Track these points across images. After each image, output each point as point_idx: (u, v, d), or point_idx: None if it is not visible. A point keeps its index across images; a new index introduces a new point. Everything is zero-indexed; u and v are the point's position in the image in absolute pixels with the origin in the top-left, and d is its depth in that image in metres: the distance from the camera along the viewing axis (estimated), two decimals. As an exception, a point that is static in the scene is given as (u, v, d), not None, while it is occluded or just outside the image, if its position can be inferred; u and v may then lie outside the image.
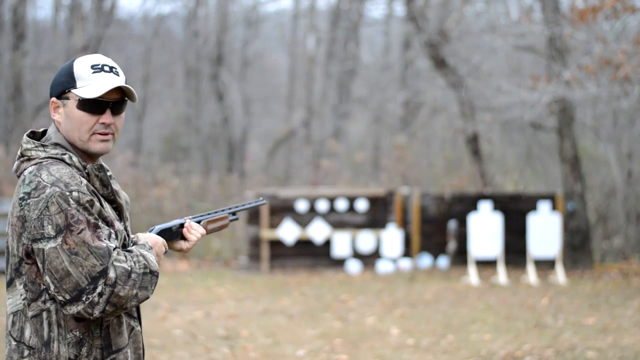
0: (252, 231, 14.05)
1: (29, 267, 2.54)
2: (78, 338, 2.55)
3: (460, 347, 8.02)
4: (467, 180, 18.47)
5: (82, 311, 2.47)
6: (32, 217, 2.50)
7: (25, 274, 2.55)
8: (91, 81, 2.62)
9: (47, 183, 2.50)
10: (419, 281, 12.88)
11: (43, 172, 2.53)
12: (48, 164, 2.56)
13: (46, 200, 2.48)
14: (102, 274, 2.46)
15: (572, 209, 14.17)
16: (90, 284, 2.46)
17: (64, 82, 2.64)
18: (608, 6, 11.85)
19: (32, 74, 20.04)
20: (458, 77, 16.48)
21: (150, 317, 9.47)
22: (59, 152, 2.60)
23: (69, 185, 2.50)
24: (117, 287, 2.47)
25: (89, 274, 2.46)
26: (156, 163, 20.48)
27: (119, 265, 2.49)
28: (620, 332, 8.68)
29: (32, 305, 2.54)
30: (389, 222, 14.19)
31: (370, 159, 23.59)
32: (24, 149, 2.63)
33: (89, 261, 2.46)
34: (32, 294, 2.54)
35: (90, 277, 2.46)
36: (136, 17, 25.27)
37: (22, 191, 2.54)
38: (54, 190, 2.49)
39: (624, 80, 12.14)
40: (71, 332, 2.54)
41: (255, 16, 25.92)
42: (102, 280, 2.46)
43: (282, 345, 8.17)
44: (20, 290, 2.56)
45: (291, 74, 26.67)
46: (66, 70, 2.65)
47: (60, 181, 2.51)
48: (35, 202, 2.50)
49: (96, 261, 2.47)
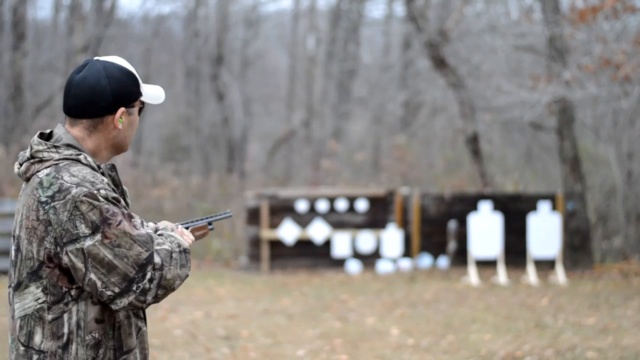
0: (252, 231, 14.05)
1: (50, 271, 2.52)
2: (97, 340, 2.55)
3: (460, 347, 8.02)
4: (467, 180, 18.46)
5: (134, 301, 2.50)
6: (62, 220, 2.49)
7: (46, 278, 2.53)
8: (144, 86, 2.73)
9: (72, 184, 2.50)
10: (419, 281, 12.88)
11: (64, 174, 2.52)
12: (67, 165, 2.56)
13: (74, 201, 2.48)
14: (149, 260, 2.50)
15: (572, 209, 14.17)
16: (138, 272, 2.49)
17: (135, 91, 2.69)
18: (608, 6, 11.85)
19: (32, 74, 20.04)
20: (458, 77, 16.49)
21: (150, 318, 9.47)
22: (73, 152, 2.60)
23: (95, 184, 2.52)
24: (165, 269, 2.52)
25: (135, 263, 2.49)
26: (156, 163, 20.50)
27: (161, 248, 2.54)
28: (620, 332, 8.68)
29: (53, 308, 2.52)
30: (389, 222, 14.19)
31: (370, 159, 23.59)
32: (34, 151, 2.61)
33: (134, 250, 2.49)
34: (54, 297, 2.52)
35: (138, 266, 2.49)
36: (136, 17, 25.29)
37: (45, 195, 2.52)
38: (81, 190, 2.49)
39: (624, 80, 12.15)
40: (90, 333, 2.54)
41: (255, 16, 25.92)
42: (150, 266, 2.50)
43: (282, 346, 8.17)
44: (35, 294, 2.54)
45: (291, 74, 26.67)
46: (131, 78, 2.68)
47: (85, 181, 2.51)
48: (62, 204, 2.49)
49: (141, 249, 2.50)
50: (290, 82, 26.70)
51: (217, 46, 23.83)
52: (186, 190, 18.02)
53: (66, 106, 2.67)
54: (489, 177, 17.28)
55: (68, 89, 2.66)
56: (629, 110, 15.04)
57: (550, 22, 13.63)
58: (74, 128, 2.66)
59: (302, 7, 26.24)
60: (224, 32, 24.07)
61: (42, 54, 21.31)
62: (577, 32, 12.64)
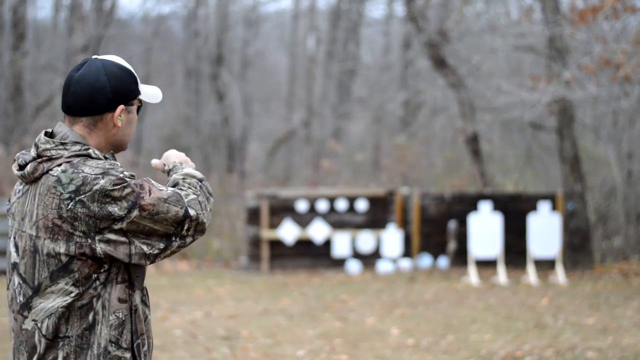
0: (252, 231, 14.05)
1: (82, 263, 2.54)
2: (120, 320, 2.58)
3: (460, 347, 8.02)
4: (467, 180, 18.46)
5: (176, 249, 2.63)
6: (93, 211, 2.52)
7: (78, 270, 2.54)
8: (141, 86, 2.76)
9: (97, 175, 2.54)
10: (419, 281, 12.88)
11: (84, 168, 2.55)
12: (82, 159, 2.58)
13: (103, 191, 2.52)
14: (185, 215, 2.60)
15: (572, 209, 14.17)
16: (177, 228, 2.60)
17: (134, 89, 2.72)
18: (608, 6, 11.85)
19: (32, 74, 20.04)
20: (458, 77, 16.49)
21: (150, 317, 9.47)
22: (81, 148, 2.61)
23: (116, 168, 2.57)
24: (200, 217, 2.63)
25: (174, 222, 2.59)
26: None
27: (190, 199, 2.63)
28: (620, 333, 8.68)
29: (84, 295, 2.55)
30: (389, 222, 14.19)
31: (370, 159, 23.59)
32: (42, 150, 2.60)
33: (171, 212, 2.58)
34: (84, 287, 2.55)
35: (177, 223, 2.59)
36: (136, 17, 25.29)
37: (67, 191, 2.52)
38: (109, 180, 2.53)
39: (624, 80, 12.15)
40: (114, 313, 2.57)
41: (255, 16, 25.93)
42: (187, 219, 2.60)
43: (282, 346, 8.17)
44: (65, 289, 2.54)
45: (291, 74, 26.67)
46: (130, 76, 2.70)
47: (106, 170, 2.56)
48: (90, 196, 2.51)
49: (176, 207, 2.59)
50: (290, 82, 26.71)
51: (217, 46, 23.83)
52: (186, 190, 17.98)
53: (65, 104, 2.65)
54: (489, 177, 17.28)
55: (67, 87, 2.65)
56: (629, 110, 15.04)
57: (550, 22, 13.63)
58: (73, 127, 2.65)
59: (302, 7, 26.25)
60: (224, 32, 24.08)
61: (42, 54, 21.31)
62: (577, 32, 12.64)
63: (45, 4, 30.62)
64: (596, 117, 16.59)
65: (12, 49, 18.95)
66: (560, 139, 14.43)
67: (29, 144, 15.20)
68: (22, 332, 2.59)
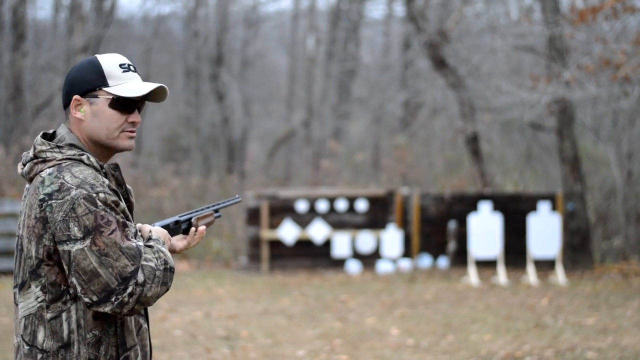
0: (252, 231, 14.05)
1: (49, 269, 2.52)
2: (97, 337, 2.54)
3: (460, 348, 8.02)
4: (467, 180, 18.46)
5: (109, 311, 2.48)
6: (56, 219, 2.48)
7: (45, 276, 2.52)
8: (124, 80, 2.64)
9: (72, 185, 2.49)
10: (419, 281, 12.88)
11: (65, 174, 2.52)
12: (69, 165, 2.55)
13: (72, 202, 2.47)
14: (133, 274, 2.46)
15: (572, 209, 14.17)
16: (120, 285, 2.46)
17: (92, 80, 2.62)
18: (608, 6, 11.84)
19: (32, 74, 20.03)
20: (458, 77, 16.49)
21: (150, 318, 9.46)
22: (76, 152, 2.59)
23: (95, 187, 2.50)
24: (146, 287, 2.48)
25: (119, 275, 2.46)
26: (156, 163, 20.48)
27: (146, 264, 2.49)
28: (620, 333, 8.68)
29: (51, 307, 2.52)
30: (389, 222, 14.19)
31: (370, 159, 23.59)
32: (38, 151, 2.61)
33: (120, 262, 2.46)
34: (52, 295, 2.52)
35: (121, 278, 2.46)
36: (136, 17, 25.29)
37: (43, 192, 2.51)
38: (80, 192, 2.47)
39: (624, 80, 12.14)
40: (91, 331, 2.53)
41: (255, 16, 25.93)
42: (133, 280, 2.46)
43: (282, 346, 8.17)
44: (35, 292, 2.54)
45: (291, 74, 26.67)
46: (92, 67, 2.63)
47: (86, 183, 2.49)
48: (60, 203, 2.48)
49: (128, 261, 2.47)
50: (290, 82, 26.71)
51: (217, 46, 23.83)
52: (186, 190, 18.02)
53: None
54: (489, 177, 17.28)
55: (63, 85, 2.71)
56: (629, 110, 15.05)
57: (550, 22, 13.63)
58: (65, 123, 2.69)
59: (302, 7, 26.24)
60: (224, 32, 24.07)
61: (42, 54, 21.30)
62: (577, 32, 12.64)
63: (45, 4, 30.64)
64: (596, 117, 16.59)
65: (12, 49, 18.94)
66: (560, 139, 14.43)
67: (29, 144, 15.21)
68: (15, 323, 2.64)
